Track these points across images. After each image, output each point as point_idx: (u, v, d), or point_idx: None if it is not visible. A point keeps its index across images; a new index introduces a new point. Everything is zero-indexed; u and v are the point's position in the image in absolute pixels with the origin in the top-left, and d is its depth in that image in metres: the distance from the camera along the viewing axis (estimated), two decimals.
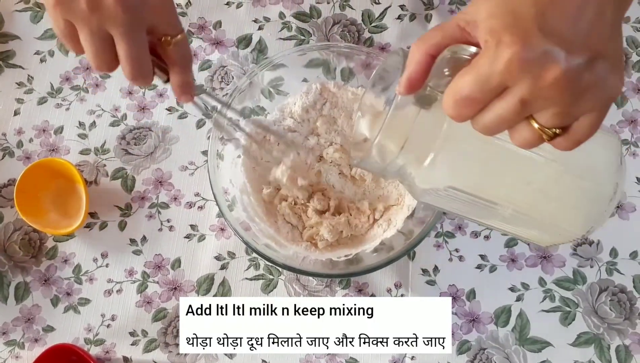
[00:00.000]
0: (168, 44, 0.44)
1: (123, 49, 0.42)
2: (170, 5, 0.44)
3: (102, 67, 0.43)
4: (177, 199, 0.65)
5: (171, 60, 0.45)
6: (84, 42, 0.41)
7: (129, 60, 0.42)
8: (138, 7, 0.41)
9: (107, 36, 0.41)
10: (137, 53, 0.42)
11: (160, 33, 0.44)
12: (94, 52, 0.42)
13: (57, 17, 0.41)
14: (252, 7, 0.72)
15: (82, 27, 0.41)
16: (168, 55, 0.45)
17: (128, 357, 0.61)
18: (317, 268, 0.55)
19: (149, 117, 0.68)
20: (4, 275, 0.63)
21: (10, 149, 0.67)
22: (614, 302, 0.62)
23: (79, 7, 0.40)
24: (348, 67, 0.62)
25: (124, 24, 0.41)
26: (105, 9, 0.40)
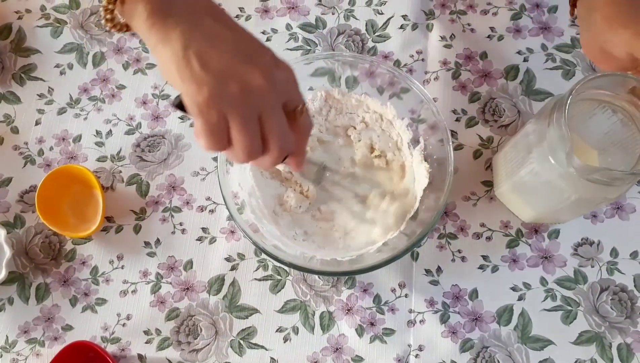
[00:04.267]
0: (300, 114, 0.44)
1: (272, 126, 0.41)
2: (295, 78, 0.44)
3: (254, 153, 0.41)
4: (189, 203, 0.68)
5: (297, 129, 0.45)
6: (238, 132, 0.40)
7: (278, 135, 0.41)
8: (278, 83, 0.41)
9: (257, 119, 0.40)
10: (283, 127, 0.42)
11: (290, 107, 0.44)
12: (248, 138, 0.40)
13: (211, 113, 0.39)
14: (260, 19, 0.75)
15: (236, 114, 0.39)
16: (296, 126, 0.44)
17: (142, 355, 0.64)
18: (322, 268, 0.57)
19: (162, 126, 0.71)
20: (25, 277, 0.66)
21: (32, 157, 0.71)
22: (615, 301, 0.63)
23: (233, 93, 0.39)
24: (352, 76, 0.65)
25: (272, 104, 0.40)
26: (256, 90, 0.39)
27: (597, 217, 0.66)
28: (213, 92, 0.39)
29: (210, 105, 0.39)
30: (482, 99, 0.70)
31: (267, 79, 0.40)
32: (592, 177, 0.49)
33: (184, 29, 0.40)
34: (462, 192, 0.67)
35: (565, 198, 0.54)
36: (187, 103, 0.40)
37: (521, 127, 0.68)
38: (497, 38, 0.72)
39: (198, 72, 0.39)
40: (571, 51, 0.71)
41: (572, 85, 0.49)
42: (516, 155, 0.60)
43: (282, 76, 0.43)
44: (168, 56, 0.40)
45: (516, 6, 0.74)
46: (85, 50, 0.75)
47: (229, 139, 0.41)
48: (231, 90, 0.39)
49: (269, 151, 0.42)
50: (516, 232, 0.65)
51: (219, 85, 0.39)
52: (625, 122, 0.54)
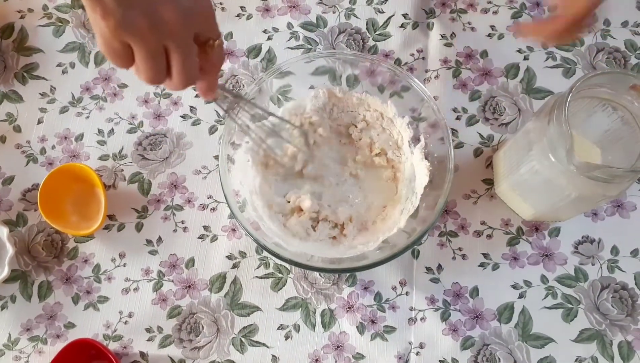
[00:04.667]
0: (211, 48, 0.44)
1: (178, 60, 0.41)
2: (212, 11, 0.44)
3: (157, 80, 0.42)
4: (190, 202, 0.68)
5: (207, 61, 0.45)
6: (141, 60, 0.41)
7: (183, 70, 0.42)
8: (190, 17, 0.41)
9: (163, 50, 0.41)
10: (190, 62, 0.42)
11: (204, 38, 0.44)
12: (151, 67, 0.41)
13: (114, 40, 0.40)
14: (261, 18, 0.75)
15: (141, 46, 0.40)
16: (205, 57, 0.45)
17: (144, 352, 0.64)
18: (323, 265, 0.57)
19: (164, 124, 0.71)
20: (28, 275, 0.67)
21: (34, 156, 0.71)
22: (616, 299, 0.63)
23: (139, 27, 0.39)
24: (353, 74, 0.65)
25: (180, 37, 0.41)
26: (165, 25, 0.40)
27: (598, 215, 0.66)
28: (117, 23, 0.39)
29: (114, 34, 0.39)
30: (483, 97, 0.70)
31: (178, 12, 0.40)
32: (592, 175, 0.49)
33: None
34: (462, 190, 0.67)
35: (565, 196, 0.54)
36: (93, 27, 0.40)
37: (521, 125, 0.69)
38: (497, 36, 0.73)
39: (107, 1, 0.38)
40: (571, 49, 0.71)
41: (573, 83, 0.50)
42: (517, 153, 0.60)
43: (197, 8, 0.42)
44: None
45: (516, 5, 0.74)
46: (87, 49, 0.75)
47: (131, 62, 0.41)
48: (138, 22, 0.39)
49: (172, 79, 0.43)
50: (517, 230, 0.66)
51: (125, 16, 0.39)
52: (625, 120, 0.54)
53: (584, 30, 0.54)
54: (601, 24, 0.72)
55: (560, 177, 0.53)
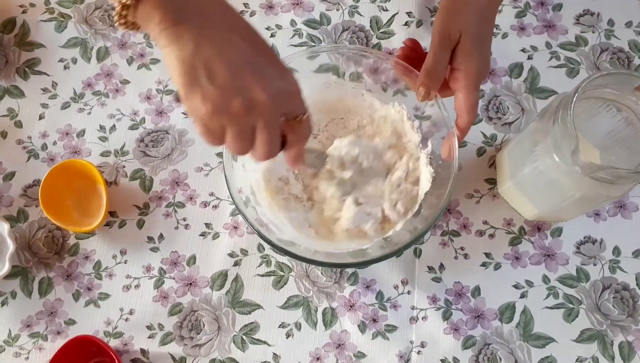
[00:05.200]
0: (299, 123, 0.46)
1: (263, 137, 0.43)
2: (299, 90, 0.45)
3: (243, 153, 0.44)
4: (192, 199, 0.68)
5: (295, 135, 0.47)
6: (232, 137, 0.42)
7: (267, 146, 0.44)
8: (280, 98, 0.42)
9: (253, 129, 0.43)
10: (274, 138, 0.44)
11: (292, 115, 0.45)
12: (240, 144, 0.43)
13: (211, 122, 0.41)
14: (264, 15, 0.75)
15: (233, 126, 0.41)
16: (293, 131, 0.46)
17: (145, 349, 0.64)
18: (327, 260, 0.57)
19: (166, 121, 0.71)
20: (28, 271, 0.67)
21: (36, 151, 0.71)
22: (617, 299, 0.63)
23: (235, 109, 0.40)
24: (357, 72, 0.65)
25: (270, 118, 0.42)
26: (258, 107, 0.41)
27: (600, 215, 0.66)
28: (216, 107, 0.40)
29: (211, 118, 0.41)
30: (486, 96, 0.70)
31: (269, 94, 0.41)
32: (596, 175, 0.49)
33: (195, 34, 0.40)
34: (465, 189, 0.67)
35: (568, 196, 0.54)
36: (189, 111, 0.42)
37: (525, 125, 0.69)
38: (501, 36, 0.72)
39: (204, 83, 0.40)
40: (575, 49, 0.71)
41: (578, 83, 0.49)
42: (520, 152, 0.60)
43: (286, 88, 0.43)
44: (175, 62, 0.40)
45: (521, 4, 0.74)
46: (90, 45, 0.75)
47: (223, 140, 0.43)
48: (234, 106, 0.40)
49: (255, 152, 0.44)
50: (519, 229, 0.66)
51: (222, 100, 0.40)
52: (629, 121, 0.54)
53: None
54: (605, 24, 0.72)
55: (564, 178, 0.53)
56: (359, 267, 0.64)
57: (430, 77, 0.53)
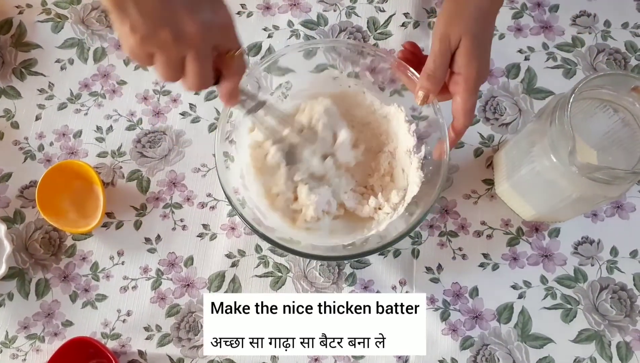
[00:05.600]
0: (231, 58, 0.47)
1: (193, 68, 0.44)
2: (232, 23, 0.46)
3: (171, 80, 0.45)
4: (189, 200, 0.68)
5: (229, 70, 0.48)
6: (160, 65, 0.43)
7: (197, 76, 0.44)
8: (211, 30, 0.43)
9: (182, 58, 0.43)
10: (204, 70, 0.45)
11: (224, 49, 0.46)
12: (168, 72, 0.44)
13: (140, 50, 0.42)
14: (262, 15, 0.75)
15: (162, 55, 0.43)
16: (227, 66, 0.47)
17: (143, 351, 0.63)
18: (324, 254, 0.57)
19: (163, 122, 0.71)
20: (25, 272, 0.66)
21: (32, 152, 0.70)
22: (615, 300, 0.63)
23: (162, 39, 0.42)
24: (354, 72, 0.65)
25: (199, 48, 0.43)
26: (187, 38, 0.42)
27: (598, 215, 0.66)
28: (142, 37, 0.41)
29: (140, 46, 0.42)
30: (484, 97, 0.70)
31: (200, 25, 0.42)
32: (593, 176, 0.49)
33: None
34: (463, 190, 0.67)
35: (566, 196, 0.54)
36: (120, 38, 0.43)
37: (522, 126, 0.69)
38: (498, 36, 0.73)
39: (132, 14, 0.40)
40: (572, 50, 0.71)
41: (575, 84, 0.50)
42: (517, 153, 0.60)
43: (218, 21, 0.44)
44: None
45: (517, 5, 0.74)
46: (86, 46, 0.74)
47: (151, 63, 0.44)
48: (162, 36, 0.41)
49: (186, 81, 0.45)
50: (517, 230, 0.66)
51: (150, 30, 0.41)
52: (626, 121, 0.54)
53: None
54: (602, 25, 0.72)
55: (561, 178, 0.53)
56: (355, 258, 0.63)
57: (431, 80, 0.53)
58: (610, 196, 0.53)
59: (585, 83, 0.50)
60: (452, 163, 0.68)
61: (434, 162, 0.58)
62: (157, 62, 0.43)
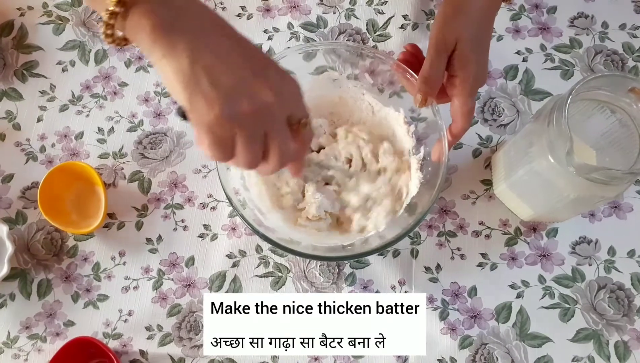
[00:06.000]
0: (304, 127, 0.44)
1: (277, 145, 0.41)
2: (301, 92, 0.44)
3: (254, 165, 0.42)
4: (190, 200, 0.69)
5: (299, 142, 0.45)
6: (242, 145, 0.40)
7: (282, 153, 0.42)
8: (284, 98, 0.41)
9: (264, 134, 0.41)
10: (288, 145, 0.42)
11: (295, 119, 0.43)
12: (251, 152, 0.41)
13: (219, 129, 0.39)
14: (261, 18, 0.75)
15: (244, 131, 0.39)
16: (297, 138, 0.44)
17: (144, 350, 0.64)
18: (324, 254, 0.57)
19: (164, 123, 0.72)
20: (27, 273, 0.67)
21: (34, 154, 0.71)
22: (613, 299, 0.64)
23: (244, 112, 0.39)
24: (353, 74, 0.65)
25: (279, 120, 0.41)
26: (268, 108, 0.40)
27: (595, 216, 0.66)
28: (224, 111, 0.38)
29: (220, 123, 0.39)
30: (482, 98, 0.71)
31: (275, 94, 0.40)
32: (591, 176, 0.50)
33: (190, 43, 0.38)
34: (461, 190, 0.68)
35: (563, 197, 0.55)
36: (195, 119, 0.39)
37: (520, 127, 0.69)
38: (496, 38, 0.73)
39: (207, 89, 0.38)
40: (570, 51, 0.72)
41: (573, 85, 0.50)
42: (515, 154, 0.60)
43: (288, 90, 0.42)
44: (174, 71, 0.38)
45: (515, 7, 0.74)
46: (88, 48, 0.75)
47: (233, 151, 0.41)
48: (242, 108, 0.39)
49: (268, 162, 0.43)
50: (515, 230, 0.66)
51: (229, 103, 0.38)
52: (623, 122, 0.54)
53: None
54: (599, 26, 0.73)
55: (558, 179, 0.53)
56: (356, 258, 0.63)
57: (427, 83, 0.53)
58: (608, 196, 0.54)
59: (583, 84, 0.50)
60: (451, 164, 0.68)
61: (432, 163, 0.59)
62: (240, 141, 0.39)
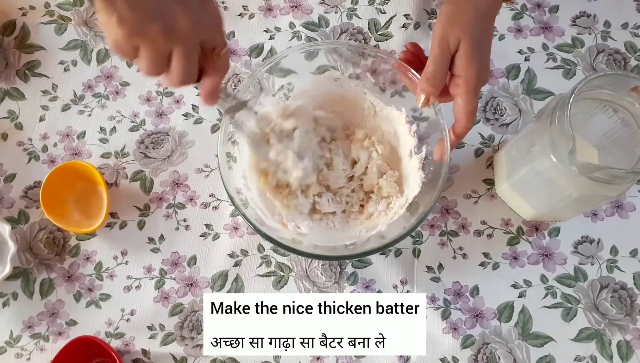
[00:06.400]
0: (217, 56, 0.47)
1: (180, 63, 0.44)
2: (221, 21, 0.46)
3: (155, 75, 0.45)
4: (192, 200, 0.69)
5: (212, 68, 0.48)
6: (145, 59, 0.43)
7: (182, 72, 0.44)
8: (200, 26, 0.43)
9: (168, 53, 0.43)
10: (191, 66, 0.45)
11: (210, 46, 0.46)
12: (153, 66, 0.43)
13: (126, 44, 0.42)
14: (263, 17, 0.75)
15: (148, 49, 0.42)
16: (211, 64, 0.47)
17: (146, 350, 0.64)
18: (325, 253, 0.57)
19: (166, 123, 0.72)
20: (29, 272, 0.67)
21: (36, 153, 0.71)
22: (615, 299, 0.64)
23: (152, 33, 0.41)
24: (355, 73, 0.65)
25: (188, 44, 0.43)
26: (177, 33, 0.42)
27: (597, 215, 0.66)
28: (132, 30, 0.40)
29: (126, 39, 0.41)
30: (484, 97, 0.71)
31: (191, 21, 0.42)
32: (593, 175, 0.50)
33: None
34: (463, 189, 0.68)
35: (566, 196, 0.55)
36: (106, 32, 0.42)
37: (522, 126, 0.69)
38: (498, 37, 0.73)
39: (122, 7, 0.40)
40: (572, 51, 0.72)
41: (575, 84, 0.50)
42: (517, 153, 0.60)
43: (208, 19, 0.44)
44: None
45: (517, 6, 0.74)
46: (90, 47, 0.75)
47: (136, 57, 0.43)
48: (152, 30, 0.41)
49: (170, 75, 0.45)
50: (517, 229, 0.66)
51: (140, 24, 0.41)
52: (626, 121, 0.54)
53: None
54: (601, 25, 0.73)
55: (561, 178, 0.53)
56: (356, 258, 0.64)
57: (430, 83, 0.53)
58: (610, 195, 0.53)
59: (585, 83, 0.50)
60: (453, 163, 0.68)
61: (434, 162, 0.59)
62: (143, 56, 0.43)
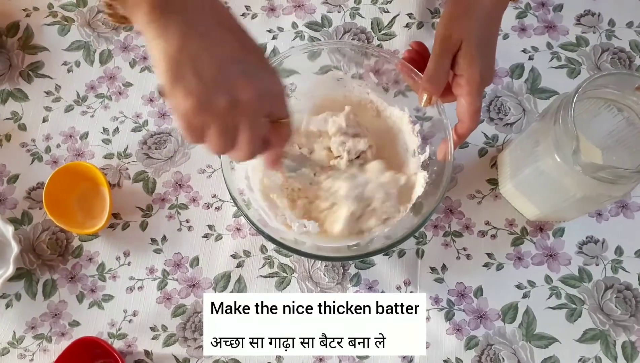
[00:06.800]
0: (280, 126, 0.45)
1: (247, 137, 0.42)
2: (284, 93, 0.45)
3: (224, 152, 0.43)
4: (195, 200, 0.69)
5: (277, 137, 0.46)
6: (214, 135, 0.41)
7: (250, 146, 0.43)
8: (265, 98, 0.42)
9: (236, 127, 0.42)
10: (257, 139, 0.43)
11: (275, 117, 0.45)
12: (222, 142, 0.42)
13: (194, 119, 0.40)
14: (266, 17, 0.75)
15: (216, 124, 0.41)
16: (275, 133, 0.46)
17: (149, 351, 0.64)
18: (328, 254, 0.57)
19: (168, 123, 0.72)
20: (32, 273, 0.67)
21: (39, 154, 0.71)
22: (620, 299, 0.63)
23: (219, 107, 0.40)
24: (358, 73, 0.65)
25: (253, 117, 0.42)
26: (242, 105, 0.41)
27: (602, 215, 0.66)
28: (199, 103, 0.39)
29: (194, 114, 0.40)
30: (488, 97, 0.70)
31: (255, 93, 0.41)
32: (597, 175, 0.49)
33: (182, 27, 0.39)
34: (467, 190, 0.67)
35: (570, 196, 0.54)
36: (172, 106, 0.41)
37: (526, 126, 0.69)
38: (502, 36, 0.73)
39: (188, 79, 0.39)
40: (576, 50, 0.71)
41: (579, 83, 0.50)
42: (521, 153, 0.60)
43: (272, 89, 0.43)
44: (161, 53, 0.39)
45: (522, 5, 0.74)
46: (93, 48, 0.75)
47: (204, 137, 0.42)
48: (218, 103, 0.40)
49: (237, 151, 0.44)
50: (521, 230, 0.66)
51: (207, 96, 0.40)
52: (630, 121, 0.54)
53: None
54: (606, 24, 0.72)
55: (565, 178, 0.53)
56: (360, 259, 0.63)
57: (432, 83, 0.53)
58: (615, 195, 0.53)
59: (590, 82, 0.50)
60: (457, 163, 0.68)
61: (438, 162, 0.58)
62: (211, 132, 0.41)
